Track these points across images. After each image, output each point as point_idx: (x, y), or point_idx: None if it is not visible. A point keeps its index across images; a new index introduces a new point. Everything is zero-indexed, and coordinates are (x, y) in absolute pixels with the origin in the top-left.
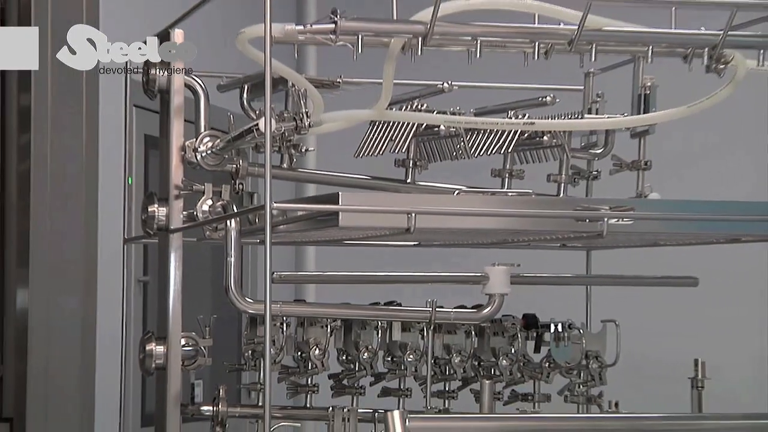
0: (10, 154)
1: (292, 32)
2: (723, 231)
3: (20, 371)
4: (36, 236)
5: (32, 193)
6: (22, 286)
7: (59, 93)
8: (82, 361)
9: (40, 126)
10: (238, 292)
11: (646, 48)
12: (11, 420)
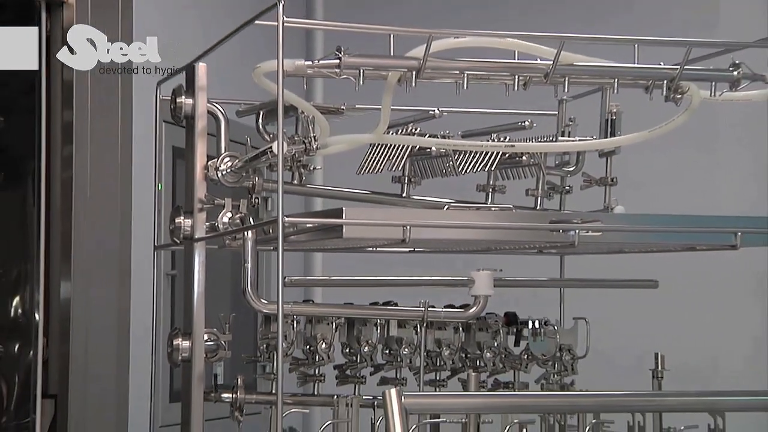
0: (54, 164)
1: (301, 67)
2: (680, 241)
3: (63, 354)
4: (77, 235)
5: (74, 198)
6: (65, 279)
7: (98, 110)
8: (118, 345)
9: (81, 139)
10: (254, 294)
11: (612, 80)
12: (55, 396)
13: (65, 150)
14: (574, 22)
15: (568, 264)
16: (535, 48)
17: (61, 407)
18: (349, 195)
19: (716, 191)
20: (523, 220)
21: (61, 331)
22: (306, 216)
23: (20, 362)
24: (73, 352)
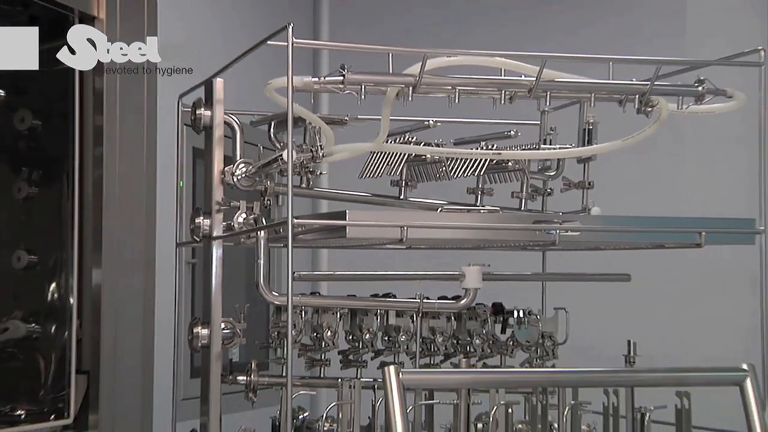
0: (87, 164)
1: (308, 83)
2: (650, 240)
3: (95, 334)
4: (107, 228)
5: (104, 194)
6: (96, 267)
7: (125, 115)
8: (143, 326)
9: (110, 141)
10: (266, 287)
11: (589, 95)
12: (88, 372)
13: (96, 151)
14: (557, 32)
15: (550, 259)
16: (519, 66)
17: (93, 382)
18: (352, 197)
19: (683, 194)
20: (509, 221)
21: (93, 313)
22: (313, 217)
23: (56, 342)
24: (103, 332)
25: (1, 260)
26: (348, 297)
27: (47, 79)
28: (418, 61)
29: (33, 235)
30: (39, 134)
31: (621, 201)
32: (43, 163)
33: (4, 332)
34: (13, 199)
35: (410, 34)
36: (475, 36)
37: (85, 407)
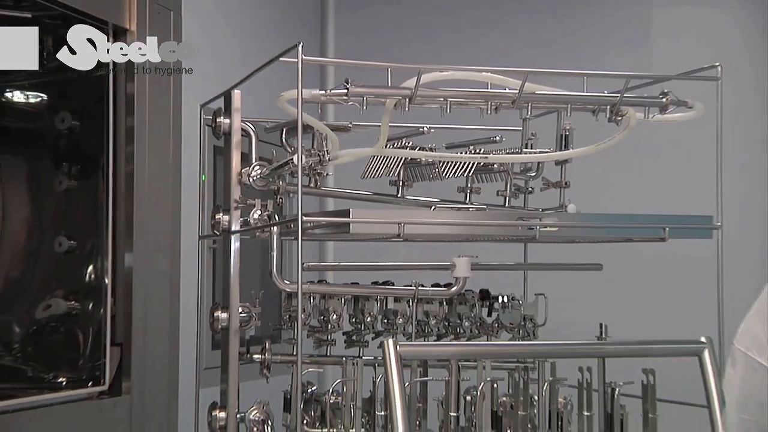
0: (120, 160)
1: (316, 95)
2: (620, 234)
3: (127, 310)
4: (138, 217)
5: (135, 187)
6: (128, 251)
7: (153, 116)
8: (170, 304)
9: (140, 140)
10: (278, 276)
11: (566, 105)
12: (121, 344)
13: (128, 149)
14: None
15: (530, 251)
16: (504, 80)
17: (126, 353)
18: (355, 196)
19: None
20: (495, 218)
21: (126, 292)
22: (321, 215)
23: (93, 317)
24: (135, 309)
25: (45, 245)
26: (351, 284)
27: (85, 84)
28: (414, 76)
29: (72, 223)
30: (77, 134)
31: (594, 199)
32: (81, 159)
33: (47, 309)
34: (54, 191)
35: (409, 44)
36: (464, 46)
37: (118, 375)
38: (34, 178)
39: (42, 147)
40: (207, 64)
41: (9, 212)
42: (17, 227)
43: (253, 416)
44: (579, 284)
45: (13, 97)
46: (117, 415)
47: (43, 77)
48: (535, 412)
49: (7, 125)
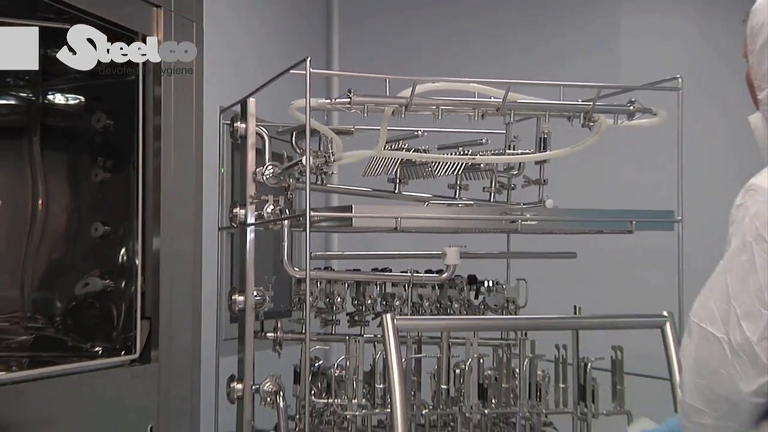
0: (148, 155)
1: (323, 104)
2: (592, 227)
3: (155, 287)
4: (164, 205)
5: (162, 179)
6: (156, 235)
7: (178, 116)
8: (192, 282)
9: (166, 137)
10: (289, 263)
11: (544, 112)
12: (150, 318)
13: (155, 145)
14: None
15: (513, 241)
16: (490, 90)
17: (154, 325)
18: (357, 192)
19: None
20: (482, 212)
21: (154, 272)
22: (326, 210)
23: (125, 294)
24: (162, 287)
25: (82, 230)
26: (354, 271)
27: (117, 87)
28: (410, 86)
29: (107, 210)
30: (111, 131)
31: (569, 195)
32: (114, 154)
33: (85, 287)
34: (91, 182)
35: (409, 52)
36: (448, 54)
37: (147, 345)
38: (73, 171)
39: (80, 143)
40: (226, 68)
41: (52, 201)
42: (59, 214)
43: (266, 388)
44: (556, 271)
45: (55, 99)
46: (146, 381)
47: (81, 82)
48: (516, 384)
49: (50, 124)
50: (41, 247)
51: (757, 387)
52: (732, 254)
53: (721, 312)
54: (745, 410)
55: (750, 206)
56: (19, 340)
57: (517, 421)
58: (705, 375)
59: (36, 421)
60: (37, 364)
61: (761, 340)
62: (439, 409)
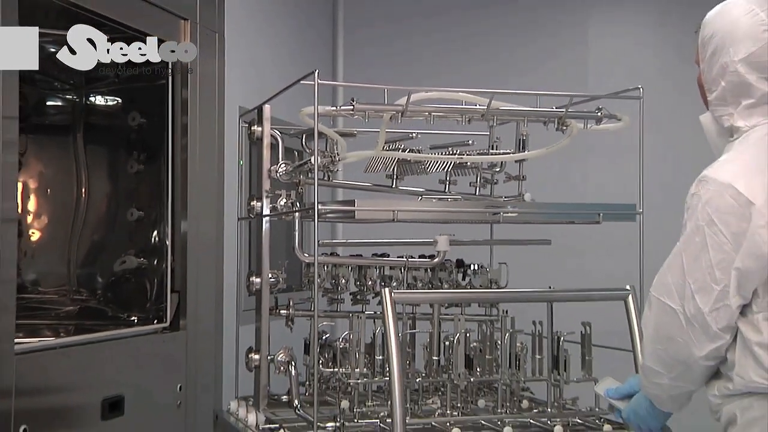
0: (177, 149)
1: (329, 111)
2: (565, 218)
3: (182, 264)
4: (191, 193)
5: (188, 170)
6: (183, 219)
7: (203, 115)
8: (216, 261)
9: (192, 134)
10: (300, 250)
11: (523, 118)
12: (179, 291)
13: (183, 141)
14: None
15: (496, 230)
16: (475, 98)
17: (182, 298)
18: (359, 187)
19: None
20: (468, 205)
21: (181, 251)
22: (332, 203)
23: (157, 270)
24: (189, 264)
25: (120, 215)
26: (356, 256)
27: (150, 90)
28: (406, 94)
29: (141, 197)
30: (144, 128)
31: (545, 190)
32: (147, 148)
33: (123, 264)
34: (127, 173)
35: (404, 56)
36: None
37: (176, 315)
38: (111, 163)
39: (117, 139)
40: (246, 71)
41: (93, 190)
42: (99, 201)
43: (280, 358)
44: (533, 256)
45: (96, 101)
46: (176, 346)
47: (118, 85)
48: (498, 355)
49: (92, 123)
50: (84, 229)
51: (707, 352)
52: (687, 236)
53: (677, 287)
54: (697, 371)
55: (702, 195)
56: (66, 310)
57: (499, 387)
58: (663, 342)
59: (80, 381)
60: (81, 331)
61: (712, 311)
62: (430, 377)
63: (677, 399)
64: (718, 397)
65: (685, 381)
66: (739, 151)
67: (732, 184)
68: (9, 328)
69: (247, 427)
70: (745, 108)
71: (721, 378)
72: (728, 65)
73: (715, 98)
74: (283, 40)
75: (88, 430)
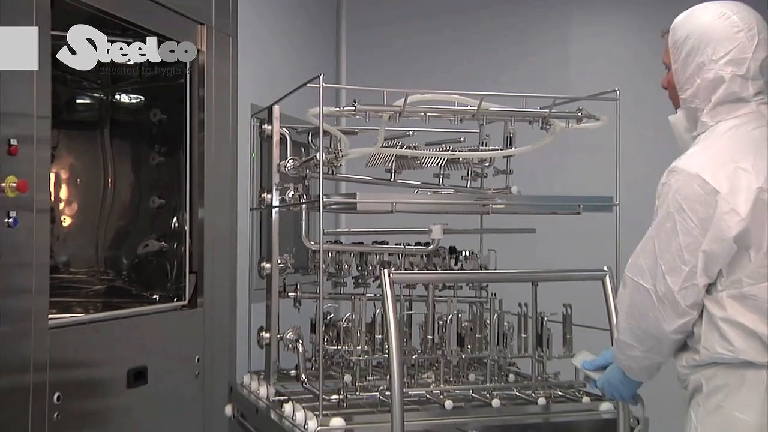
0: (194, 143)
1: (333, 111)
2: (548, 210)
3: (199, 248)
4: (207, 183)
5: (205, 162)
6: (201, 207)
7: (219, 114)
8: (229, 244)
9: (208, 128)
10: (306, 238)
11: (510, 118)
12: (197, 272)
13: (200, 135)
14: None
15: (485, 219)
16: (466, 100)
17: (200, 278)
18: (361, 180)
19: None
20: (459, 197)
21: (199, 236)
22: (336, 196)
23: (177, 253)
24: (205, 248)
25: (143, 203)
26: (358, 244)
27: (170, 89)
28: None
29: (161, 186)
30: (165, 124)
31: (530, 183)
32: (167, 142)
33: (145, 247)
34: (149, 164)
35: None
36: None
37: (194, 293)
38: (135, 156)
39: (141, 133)
40: (258, 71)
41: (118, 180)
42: (125, 190)
43: (288, 336)
44: (518, 243)
45: (121, 99)
46: (194, 322)
47: (141, 84)
48: (487, 333)
49: (117, 119)
50: (111, 216)
51: (676, 326)
52: (658, 222)
53: (649, 268)
54: (667, 344)
55: (672, 184)
56: (94, 289)
57: (488, 362)
58: (636, 318)
59: (107, 353)
60: (108, 308)
61: (681, 289)
62: (426, 353)
63: (648, 369)
64: (685, 368)
65: (656, 353)
66: (705, 145)
67: (699, 174)
68: (43, 307)
69: (259, 399)
70: (714, 105)
71: (688, 350)
72: (705, 64)
73: (689, 95)
74: (292, 41)
75: (115, 397)
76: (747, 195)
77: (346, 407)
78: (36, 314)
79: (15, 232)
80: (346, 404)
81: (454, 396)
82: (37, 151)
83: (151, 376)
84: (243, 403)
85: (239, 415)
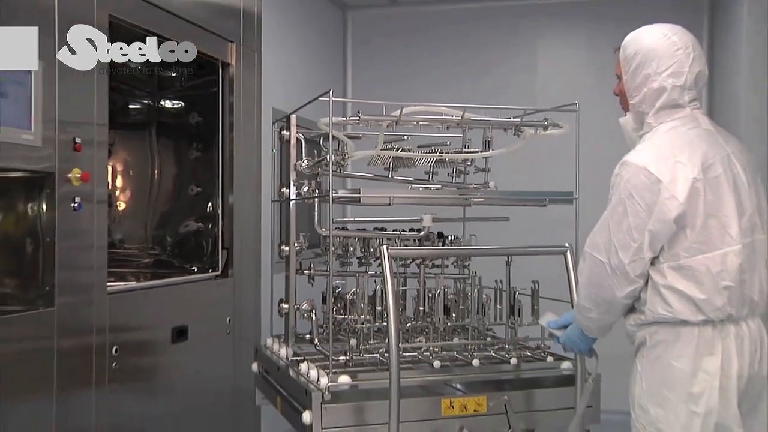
0: (226, 141)
1: (340, 120)
2: (519, 203)
3: (230, 228)
4: (236, 174)
5: (235, 157)
6: (230, 194)
7: (245, 116)
8: (255, 226)
9: (237, 129)
10: (318, 226)
11: (488, 126)
12: (228, 248)
13: (230, 134)
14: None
15: (467, 210)
16: (452, 111)
17: (230, 253)
18: (364, 177)
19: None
20: (446, 192)
21: (229, 218)
22: (343, 191)
23: (211, 232)
24: (235, 228)
25: (183, 190)
26: (361, 230)
27: (206, 97)
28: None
29: (198, 177)
30: (201, 125)
31: (505, 180)
32: (203, 140)
33: (186, 227)
34: (189, 158)
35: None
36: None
37: (226, 266)
38: (177, 151)
39: (182, 133)
40: (279, 80)
41: (164, 172)
42: (168, 180)
43: (304, 307)
44: (495, 230)
45: (166, 104)
46: (225, 290)
47: (182, 92)
48: (469, 305)
49: (162, 121)
50: (157, 201)
51: (626, 293)
52: (612, 207)
53: (605, 245)
54: (618, 307)
55: (624, 175)
56: (144, 262)
57: (470, 328)
58: (594, 286)
59: (155, 314)
60: (155, 277)
61: (630, 262)
62: (418, 321)
63: (602, 328)
64: (633, 326)
65: (609, 314)
66: (650, 143)
67: (646, 166)
68: (103, 279)
69: (280, 358)
70: (657, 109)
71: (635, 312)
72: (651, 75)
73: (637, 101)
74: (306, 56)
75: (162, 351)
76: (684, 184)
77: (352, 366)
78: (97, 286)
79: (79, 215)
80: (351, 364)
81: (441, 356)
82: (96, 152)
83: (191, 334)
84: (266, 361)
85: (264, 371)
